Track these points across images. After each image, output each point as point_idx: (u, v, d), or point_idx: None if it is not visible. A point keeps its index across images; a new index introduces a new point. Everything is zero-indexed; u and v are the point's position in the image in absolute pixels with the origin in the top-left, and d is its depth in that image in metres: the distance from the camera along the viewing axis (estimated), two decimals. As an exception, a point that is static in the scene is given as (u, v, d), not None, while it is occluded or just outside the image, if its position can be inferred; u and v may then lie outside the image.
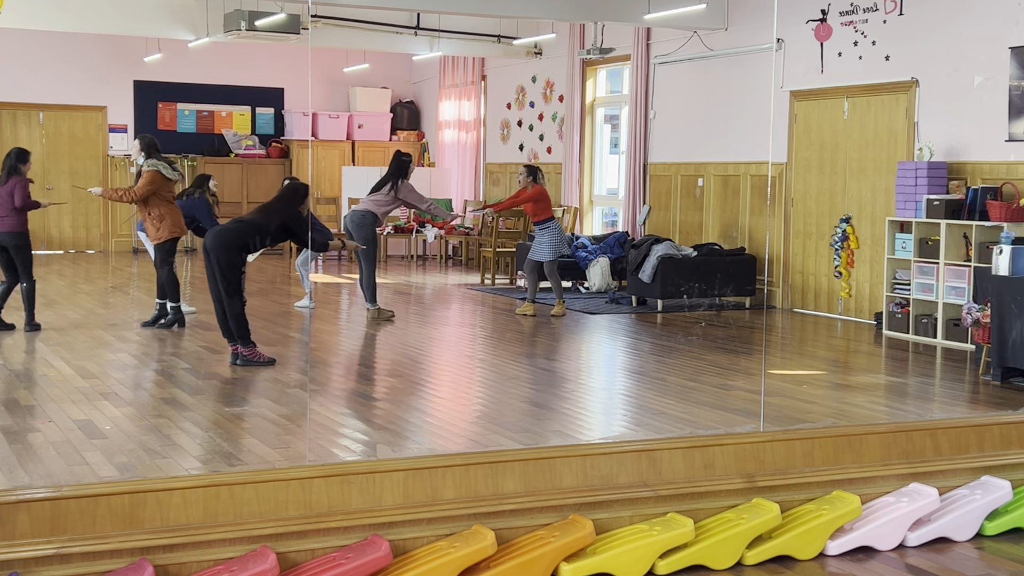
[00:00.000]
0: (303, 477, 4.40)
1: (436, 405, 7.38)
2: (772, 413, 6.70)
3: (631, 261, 12.10)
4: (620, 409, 7.39)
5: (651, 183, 13.91)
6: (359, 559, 4.21)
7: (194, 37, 14.33)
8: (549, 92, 16.02)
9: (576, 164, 15.13)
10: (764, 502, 4.93)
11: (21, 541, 3.97)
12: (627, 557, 4.52)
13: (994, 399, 7.45)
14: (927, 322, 9.77)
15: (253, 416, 6.70)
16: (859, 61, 11.02)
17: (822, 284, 11.65)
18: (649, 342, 9.93)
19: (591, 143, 15.32)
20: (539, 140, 16.26)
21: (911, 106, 10.51)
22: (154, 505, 4.17)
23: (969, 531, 5.12)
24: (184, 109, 18.29)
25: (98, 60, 17.52)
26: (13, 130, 17.25)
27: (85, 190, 9.84)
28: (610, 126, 15.53)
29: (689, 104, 13.26)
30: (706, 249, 12.10)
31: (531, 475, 4.69)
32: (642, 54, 13.78)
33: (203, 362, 8.48)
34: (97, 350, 8.82)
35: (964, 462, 5.43)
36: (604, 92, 15.39)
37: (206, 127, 18.43)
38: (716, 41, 12.75)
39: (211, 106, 18.45)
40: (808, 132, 11.69)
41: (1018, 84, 9.48)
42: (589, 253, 13.22)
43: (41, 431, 6.17)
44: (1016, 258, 8.01)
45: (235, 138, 18.42)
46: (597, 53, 13.14)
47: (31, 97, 17.24)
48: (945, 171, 9.91)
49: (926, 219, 9.75)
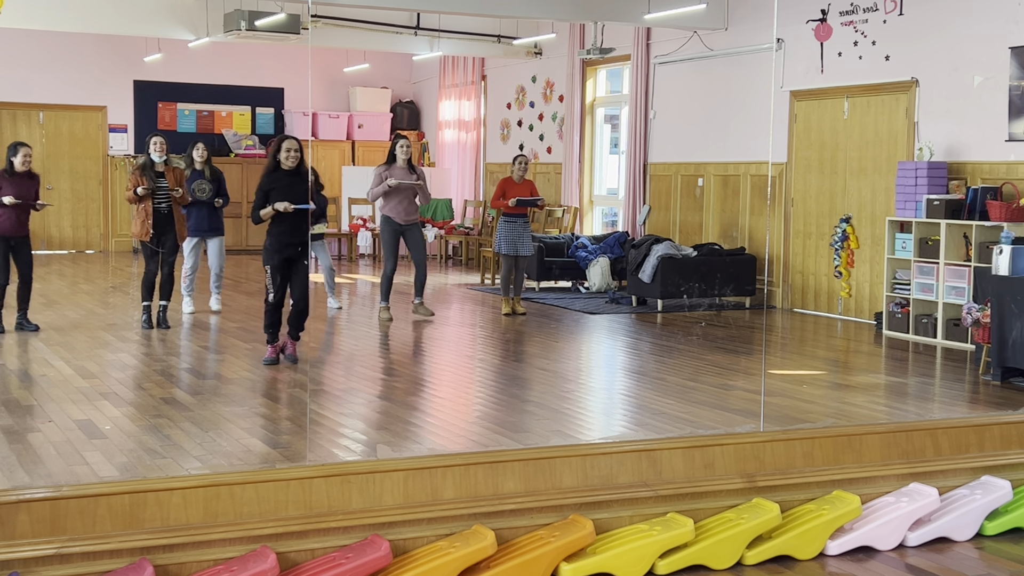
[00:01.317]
0: (303, 477, 4.40)
1: (436, 405, 7.38)
2: (772, 413, 6.70)
3: (631, 261, 12.10)
4: (620, 409, 7.39)
5: (651, 183, 13.91)
6: (359, 559, 4.21)
7: (194, 37, 14.33)
8: (549, 92, 16.02)
9: (576, 164, 15.13)
10: (764, 502, 4.93)
11: (21, 541, 3.97)
12: (627, 557, 4.52)
13: (994, 399, 7.45)
14: (927, 322, 9.77)
15: (253, 416, 6.70)
16: (859, 61, 11.02)
17: (822, 284, 11.65)
18: (649, 342, 9.93)
19: (591, 143, 15.32)
20: (539, 140, 16.26)
21: (911, 106, 10.51)
22: (154, 505, 4.16)
23: (969, 531, 5.12)
24: (184, 109, 18.29)
25: (98, 60, 17.52)
26: (13, 130, 17.24)
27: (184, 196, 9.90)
28: (610, 126, 15.53)
29: (689, 104, 13.26)
30: (706, 249, 12.10)
31: (531, 475, 4.69)
32: (642, 54, 13.78)
33: (203, 362, 8.49)
34: (97, 350, 8.82)
35: (964, 462, 5.43)
36: (604, 92, 15.39)
37: (206, 127, 18.43)
38: (716, 41, 12.75)
39: (211, 106, 18.45)
40: (808, 132, 11.69)
41: (1018, 84, 9.48)
42: (589, 253, 13.22)
43: (41, 431, 6.17)
44: (1016, 258, 8.01)
45: (235, 138, 18.42)
46: (597, 53, 13.14)
47: (31, 97, 17.24)
48: (945, 171, 9.91)
49: (926, 219, 9.75)
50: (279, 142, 8.23)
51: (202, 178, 10.62)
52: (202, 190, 10.54)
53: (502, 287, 11.20)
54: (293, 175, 8.16)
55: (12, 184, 9.44)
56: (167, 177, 9.87)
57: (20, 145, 9.60)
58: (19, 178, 9.49)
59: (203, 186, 10.56)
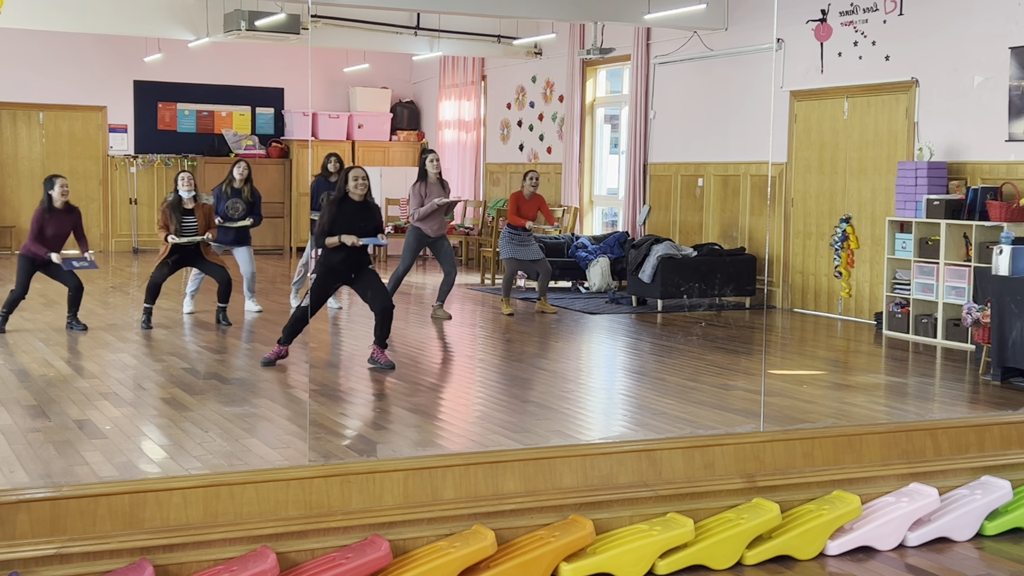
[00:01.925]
0: (303, 477, 4.40)
1: (436, 405, 7.38)
2: (772, 413, 6.70)
3: (631, 261, 12.10)
4: (620, 409, 7.39)
5: (651, 183, 13.91)
6: (359, 559, 4.21)
7: (194, 37, 14.33)
8: (549, 92, 16.02)
9: (576, 164, 15.13)
10: (764, 502, 4.93)
11: (21, 541, 3.98)
12: (627, 557, 4.52)
13: (994, 399, 7.45)
14: (927, 322, 9.77)
15: (253, 416, 6.70)
16: (859, 61, 11.02)
17: (822, 284, 11.65)
18: (649, 342, 9.93)
19: (591, 143, 15.32)
20: (539, 140, 16.26)
21: (911, 106, 10.51)
22: (154, 505, 4.17)
23: (969, 531, 5.12)
24: (184, 109, 18.29)
25: (98, 60, 17.52)
26: (13, 130, 17.26)
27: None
28: (610, 126, 15.53)
29: (689, 104, 13.26)
30: (706, 249, 12.10)
31: (531, 475, 4.69)
32: (642, 54, 13.78)
33: (203, 362, 8.49)
34: (97, 350, 8.82)
35: (964, 462, 5.43)
36: (604, 92, 15.38)
37: (206, 127, 18.43)
38: (716, 41, 12.75)
39: (211, 106, 18.45)
40: (808, 132, 11.69)
41: (1018, 84, 9.48)
42: (589, 253, 13.22)
43: (41, 431, 6.17)
44: (1016, 258, 8.01)
45: (235, 138, 18.42)
46: (597, 53, 13.14)
47: (31, 97, 17.24)
48: (945, 171, 9.91)
49: (926, 219, 9.75)
50: (347, 171, 8.18)
51: (239, 198, 10.76)
52: (235, 210, 10.71)
53: (503, 289, 11.40)
54: (362, 206, 8.13)
55: (52, 223, 9.44)
56: (196, 214, 9.91)
57: (56, 177, 9.57)
58: (58, 215, 9.47)
59: (237, 206, 10.73)
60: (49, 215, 9.43)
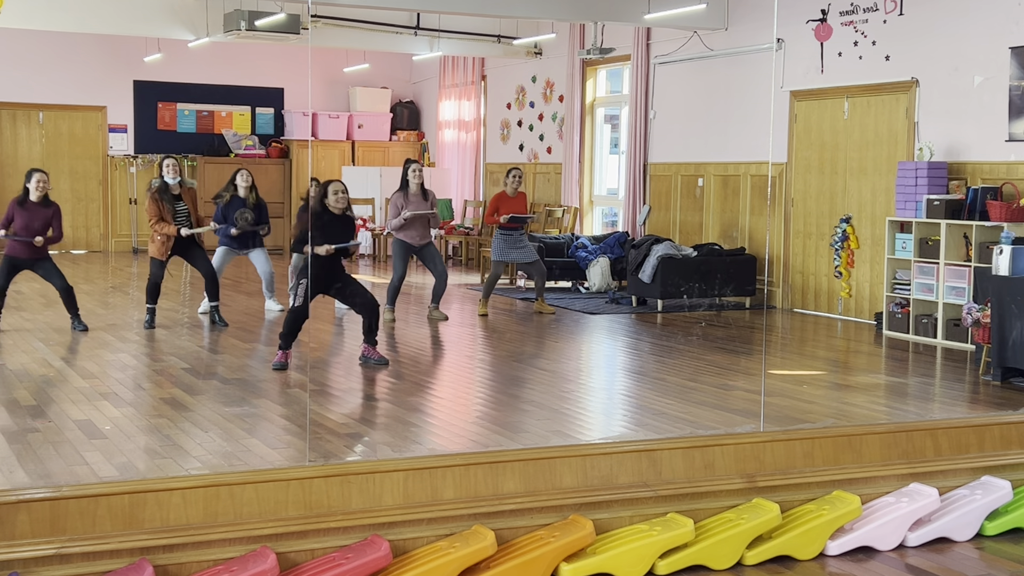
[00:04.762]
0: (303, 477, 4.40)
1: (436, 405, 7.38)
2: (772, 413, 6.70)
3: (631, 261, 12.10)
4: (620, 409, 7.38)
5: (651, 183, 13.91)
6: (359, 559, 4.21)
7: (194, 37, 14.32)
8: (549, 92, 16.02)
9: (576, 164, 15.13)
10: (764, 502, 4.93)
11: (21, 541, 3.98)
12: (627, 557, 4.52)
13: (994, 399, 7.45)
14: (927, 322, 9.77)
15: (253, 416, 6.70)
16: (859, 61, 11.02)
17: (822, 284, 11.65)
18: (649, 342, 9.93)
19: (591, 143, 15.32)
20: (539, 140, 16.26)
21: (911, 106, 10.51)
22: (154, 505, 4.17)
23: (969, 531, 5.12)
24: (184, 109, 18.29)
25: (98, 60, 17.52)
26: (13, 130, 17.26)
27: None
28: (610, 126, 15.53)
29: (689, 104, 13.26)
30: (706, 249, 12.10)
31: (531, 475, 4.69)
32: (642, 54, 13.78)
33: (203, 362, 8.48)
34: (97, 350, 8.82)
35: (964, 462, 5.43)
36: (604, 92, 15.38)
37: (206, 127, 18.43)
38: (716, 41, 12.75)
39: (211, 106, 18.45)
40: (808, 132, 11.69)
41: (1018, 84, 9.48)
42: (589, 253, 13.22)
43: (41, 431, 6.17)
44: (1016, 258, 8.01)
45: (235, 138, 18.42)
46: (597, 53, 13.14)
47: (31, 97, 17.24)
48: (945, 171, 9.91)
49: (926, 219, 9.75)
50: (327, 185, 8.21)
51: (245, 207, 10.77)
52: (244, 219, 10.72)
53: (484, 289, 11.34)
54: (340, 219, 8.19)
55: (22, 215, 9.39)
56: (184, 198, 9.92)
57: (35, 171, 9.56)
58: (32, 207, 9.42)
59: (246, 215, 10.73)
60: (21, 207, 9.40)
